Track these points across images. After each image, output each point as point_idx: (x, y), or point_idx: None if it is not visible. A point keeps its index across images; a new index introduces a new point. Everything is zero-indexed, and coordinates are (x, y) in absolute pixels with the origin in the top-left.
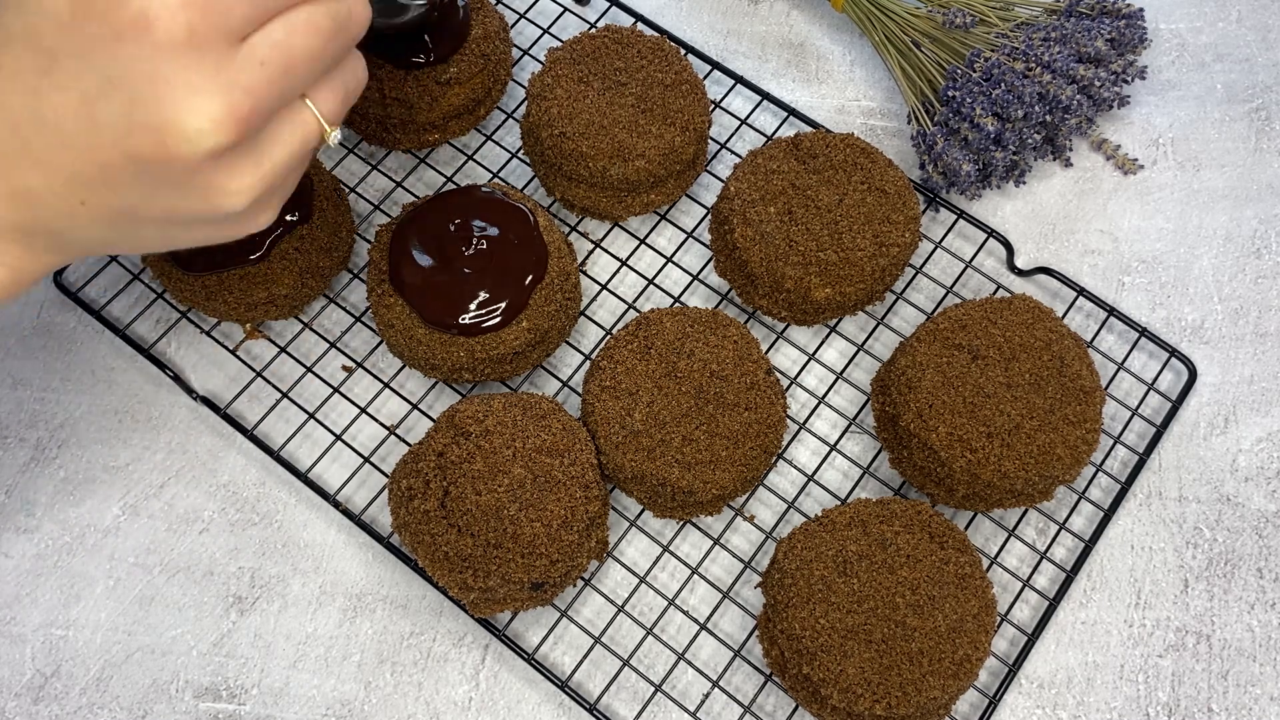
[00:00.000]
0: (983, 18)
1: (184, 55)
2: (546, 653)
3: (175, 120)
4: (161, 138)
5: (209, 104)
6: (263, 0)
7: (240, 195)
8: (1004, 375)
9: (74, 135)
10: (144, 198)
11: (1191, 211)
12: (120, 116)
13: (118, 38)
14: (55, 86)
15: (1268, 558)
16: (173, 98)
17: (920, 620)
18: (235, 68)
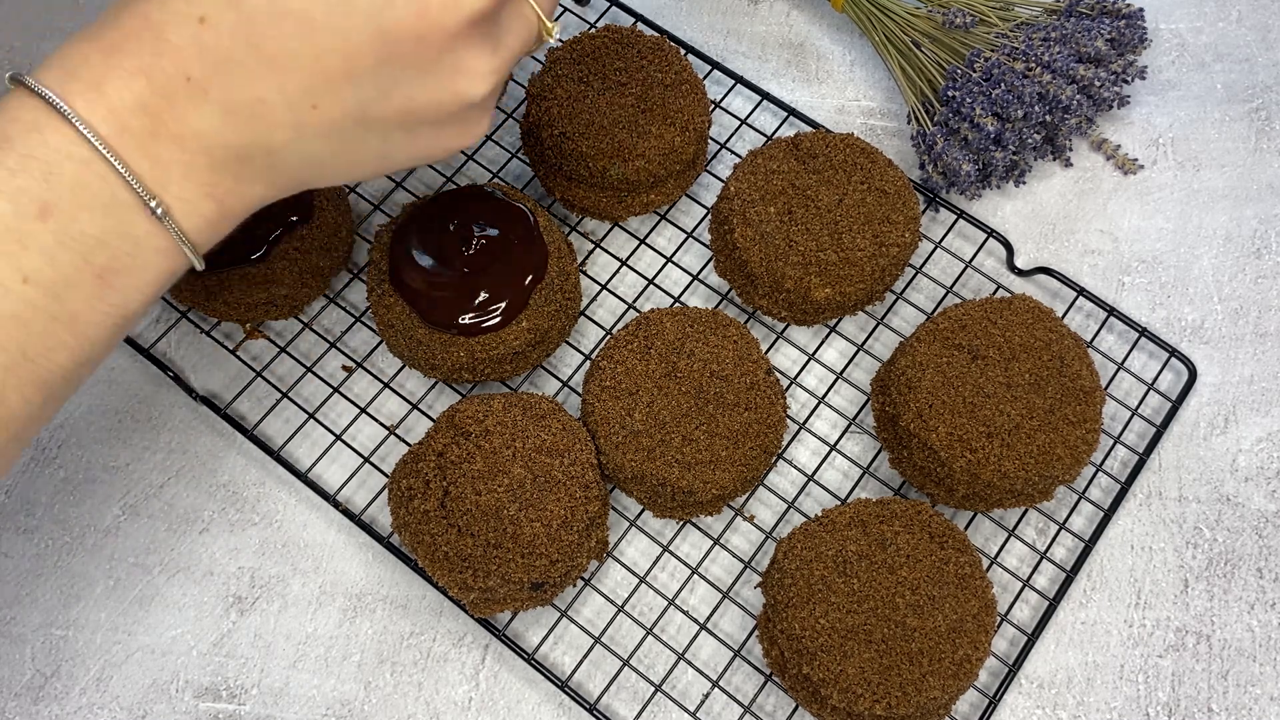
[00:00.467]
0: (983, 18)
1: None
2: (546, 653)
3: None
4: (424, 5)
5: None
6: None
7: (482, 79)
8: (1004, 375)
9: (322, 23)
10: (383, 89)
11: (1191, 211)
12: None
13: None
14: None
15: (1268, 558)
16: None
17: (920, 620)
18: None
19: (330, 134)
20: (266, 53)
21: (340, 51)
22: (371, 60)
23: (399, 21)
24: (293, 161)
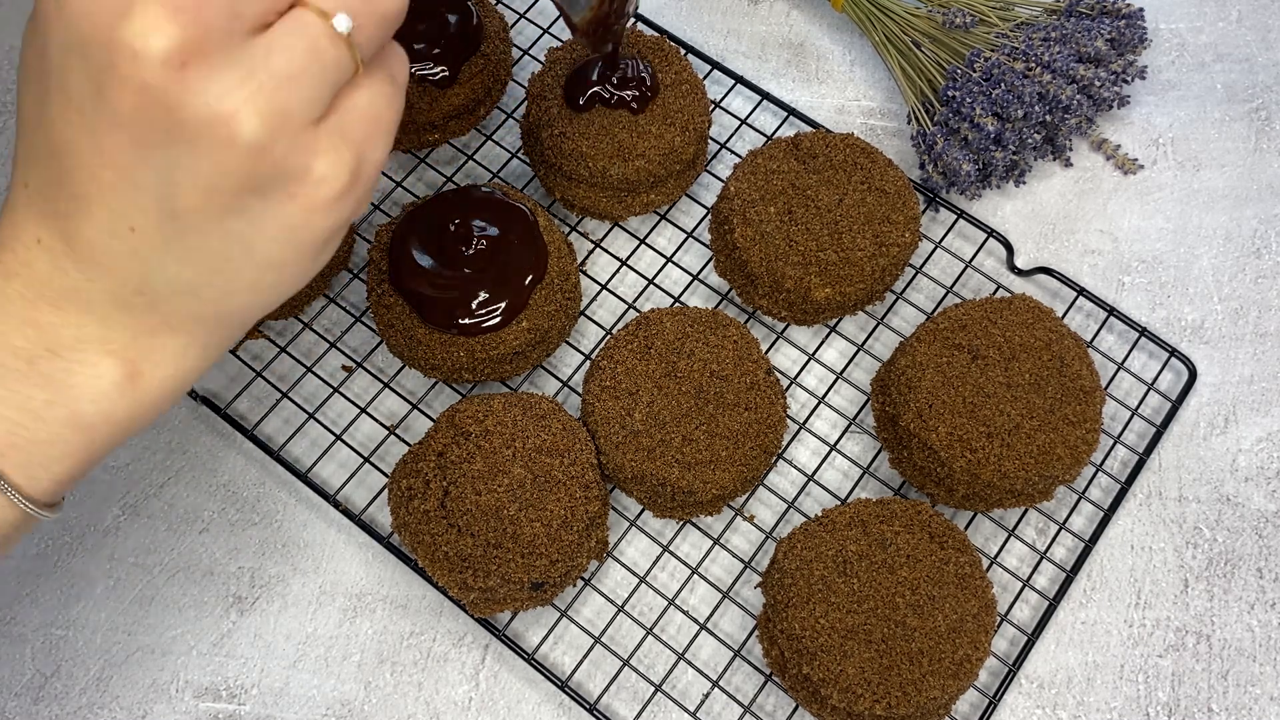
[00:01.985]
0: (983, 18)
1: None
2: (546, 653)
3: (118, 40)
4: (116, 71)
5: (143, 6)
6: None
7: (243, 115)
8: (1004, 375)
9: (75, 140)
10: (164, 178)
11: (1191, 211)
12: (84, 78)
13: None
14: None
15: (1268, 558)
16: (110, 20)
17: (920, 620)
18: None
19: (167, 245)
20: (65, 189)
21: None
22: (128, 153)
23: (113, 102)
24: (164, 294)
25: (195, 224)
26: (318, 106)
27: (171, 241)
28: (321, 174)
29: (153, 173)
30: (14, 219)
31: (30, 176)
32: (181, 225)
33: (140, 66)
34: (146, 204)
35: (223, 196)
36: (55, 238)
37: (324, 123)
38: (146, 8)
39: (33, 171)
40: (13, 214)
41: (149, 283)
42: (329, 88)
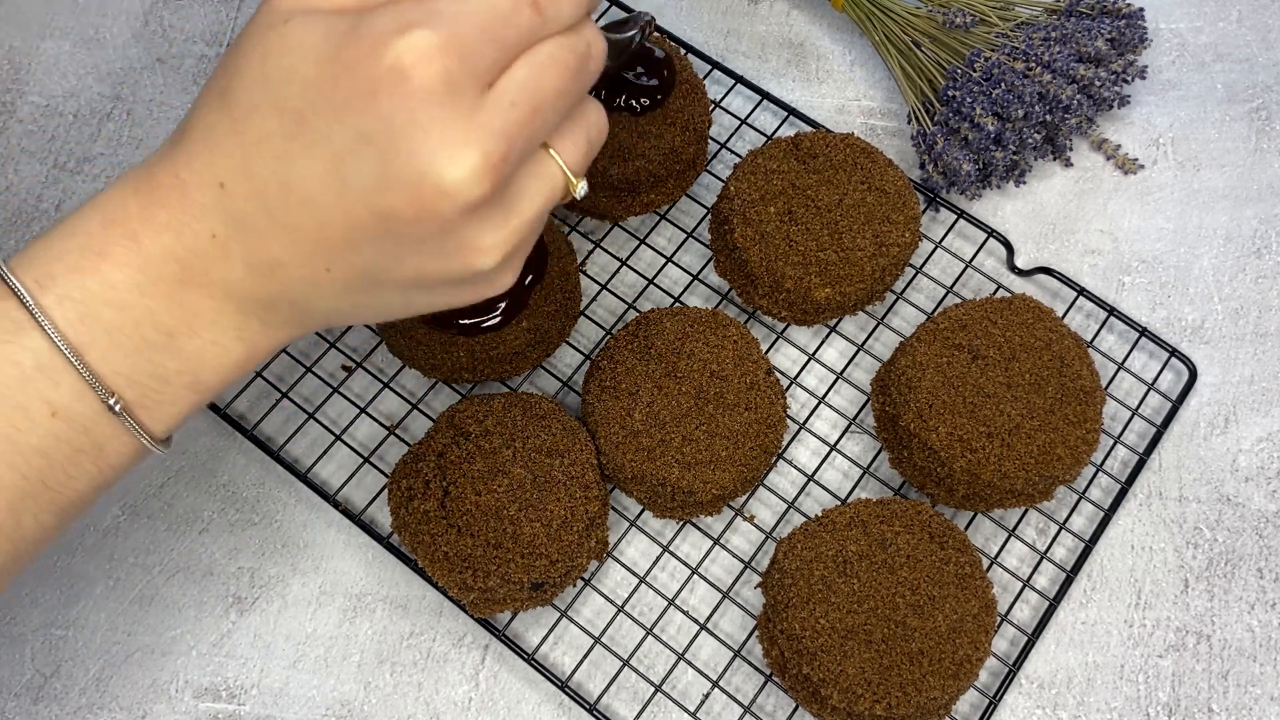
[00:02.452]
0: (983, 17)
1: (439, 104)
2: (546, 653)
3: (432, 172)
4: (418, 192)
5: (466, 153)
6: (508, 39)
7: (491, 252)
8: (1004, 375)
9: (322, 198)
10: (391, 260)
11: (1192, 211)
12: (373, 173)
13: (371, 92)
14: (302, 149)
15: (1268, 558)
16: (429, 149)
17: (920, 620)
18: (488, 113)
19: (347, 292)
20: (278, 220)
21: (341, 224)
22: (372, 235)
23: (393, 206)
24: (317, 311)
25: (388, 289)
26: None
27: (356, 294)
28: (504, 282)
29: (383, 252)
30: (192, 207)
31: (235, 184)
32: (377, 288)
33: (443, 204)
34: (357, 264)
35: (427, 283)
36: (237, 245)
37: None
38: (470, 160)
39: (241, 182)
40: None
41: (307, 307)
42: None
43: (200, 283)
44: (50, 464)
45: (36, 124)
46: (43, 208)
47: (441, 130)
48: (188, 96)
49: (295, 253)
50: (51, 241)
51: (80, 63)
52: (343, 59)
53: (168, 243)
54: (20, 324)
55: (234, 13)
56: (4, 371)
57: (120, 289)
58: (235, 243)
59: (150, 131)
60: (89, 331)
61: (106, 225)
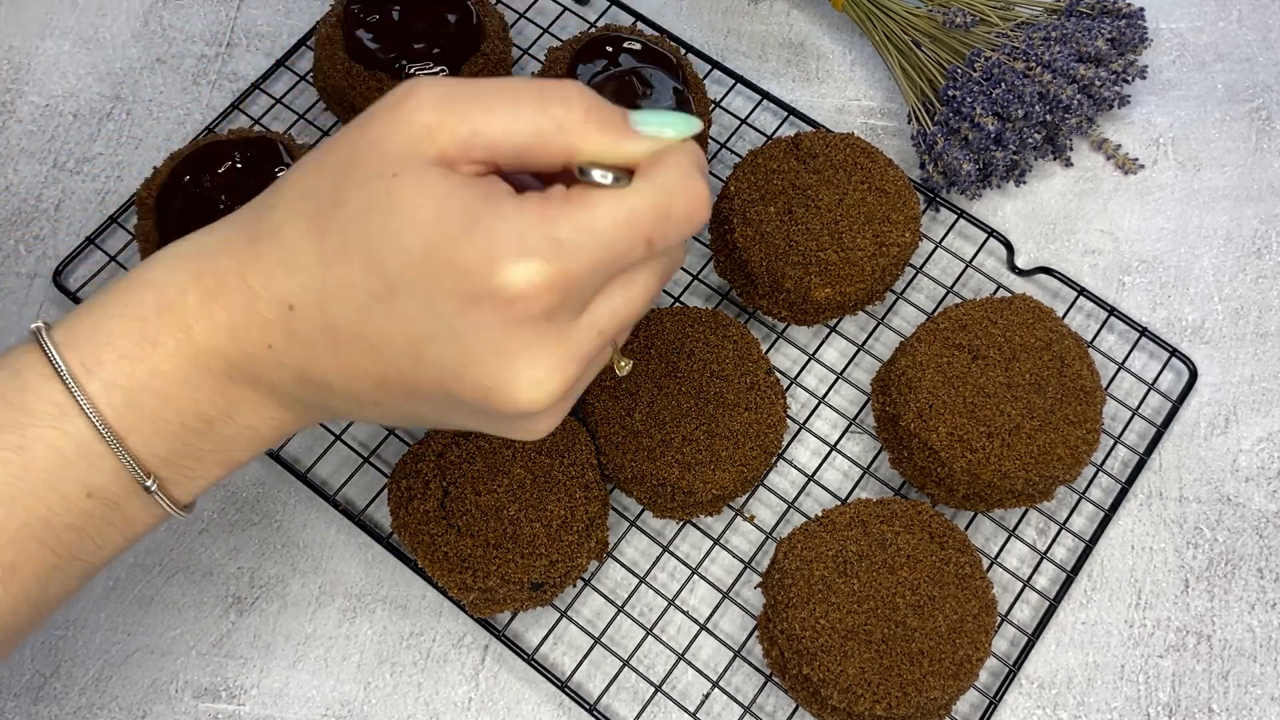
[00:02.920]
0: (983, 17)
1: (534, 332)
2: (546, 653)
3: (509, 386)
4: (489, 397)
5: (546, 378)
6: (614, 270)
7: (542, 432)
8: (1004, 375)
9: (393, 360)
10: (444, 417)
11: (1192, 211)
12: (451, 364)
13: (473, 300)
14: (386, 315)
15: (1268, 558)
16: (513, 367)
17: (920, 620)
18: (575, 340)
19: (388, 419)
20: (341, 356)
21: (404, 384)
22: (434, 400)
23: (462, 394)
24: (349, 417)
25: (428, 423)
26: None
27: (396, 421)
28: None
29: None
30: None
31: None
32: (417, 422)
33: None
34: (406, 412)
35: (471, 426)
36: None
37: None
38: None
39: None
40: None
41: (349, 416)
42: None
43: (247, 381)
44: (81, 538)
45: (36, 124)
46: (42, 207)
47: (528, 356)
48: (187, 96)
49: (350, 387)
50: (101, 321)
51: (80, 62)
52: (451, 255)
53: (222, 342)
54: (63, 408)
55: (233, 12)
56: (44, 457)
57: (168, 380)
58: (291, 359)
59: (150, 131)
60: (132, 418)
61: (161, 311)
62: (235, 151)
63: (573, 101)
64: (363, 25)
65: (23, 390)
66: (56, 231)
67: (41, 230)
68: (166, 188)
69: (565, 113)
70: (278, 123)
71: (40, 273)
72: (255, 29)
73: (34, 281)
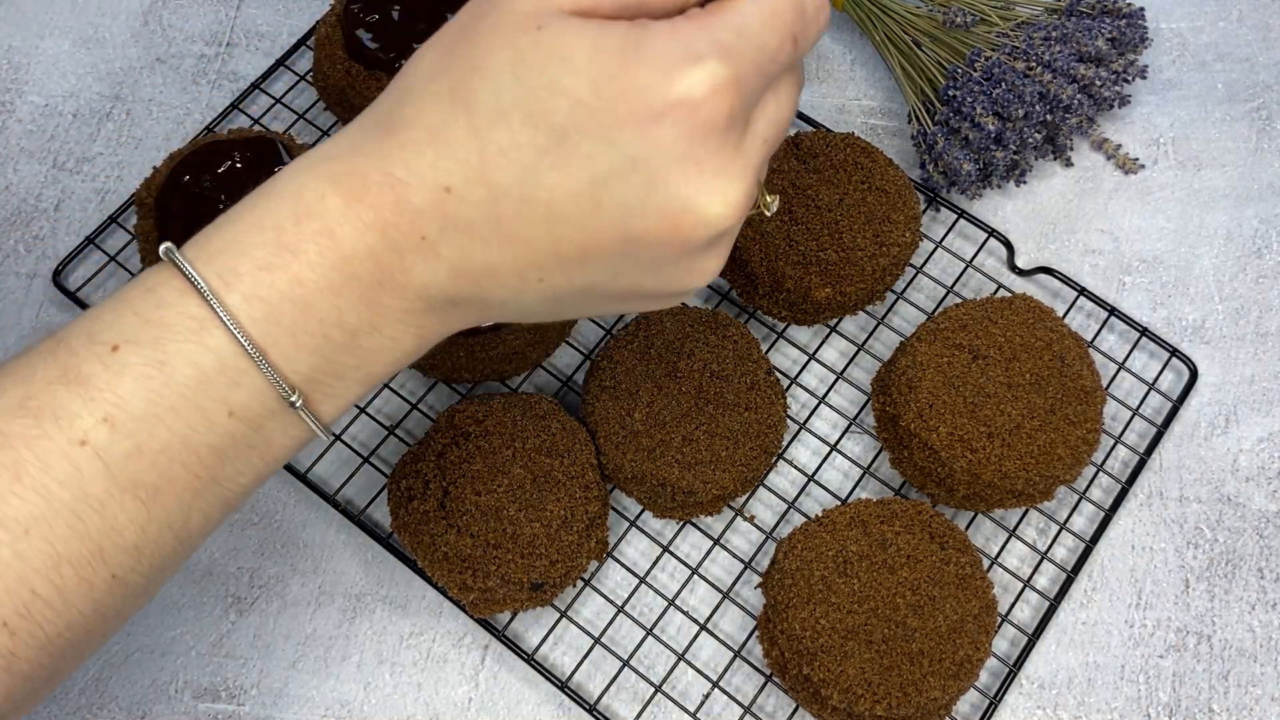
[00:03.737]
0: (983, 17)
1: (718, 139)
2: (546, 653)
3: (698, 203)
4: (677, 221)
5: (733, 188)
6: (771, 75)
7: (710, 274)
8: (1005, 375)
9: (570, 216)
10: (614, 274)
11: (1192, 211)
12: (635, 199)
13: (655, 118)
14: (557, 165)
15: (1269, 558)
16: (700, 182)
17: (921, 621)
18: (749, 147)
19: (549, 300)
20: (506, 229)
21: (579, 243)
22: (609, 254)
23: (646, 230)
24: (503, 310)
25: (591, 301)
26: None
27: (558, 303)
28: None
29: (608, 274)
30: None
31: (468, 193)
32: (581, 301)
33: (698, 233)
34: (576, 281)
35: (634, 297)
36: (459, 255)
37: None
38: (730, 194)
39: (472, 192)
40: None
41: (503, 307)
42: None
43: (396, 284)
44: (222, 461)
45: (36, 123)
46: (42, 207)
47: (714, 165)
48: (187, 96)
49: (515, 262)
50: (235, 234)
51: (80, 62)
52: (622, 84)
53: (370, 243)
54: (202, 322)
55: (233, 12)
56: (182, 372)
57: (310, 288)
58: (448, 248)
59: (149, 131)
60: (274, 331)
61: (300, 219)
62: (235, 151)
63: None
64: (362, 25)
65: (159, 306)
66: (56, 231)
67: (41, 230)
68: (166, 187)
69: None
70: (277, 122)
71: (40, 272)
72: (255, 29)
73: (34, 281)
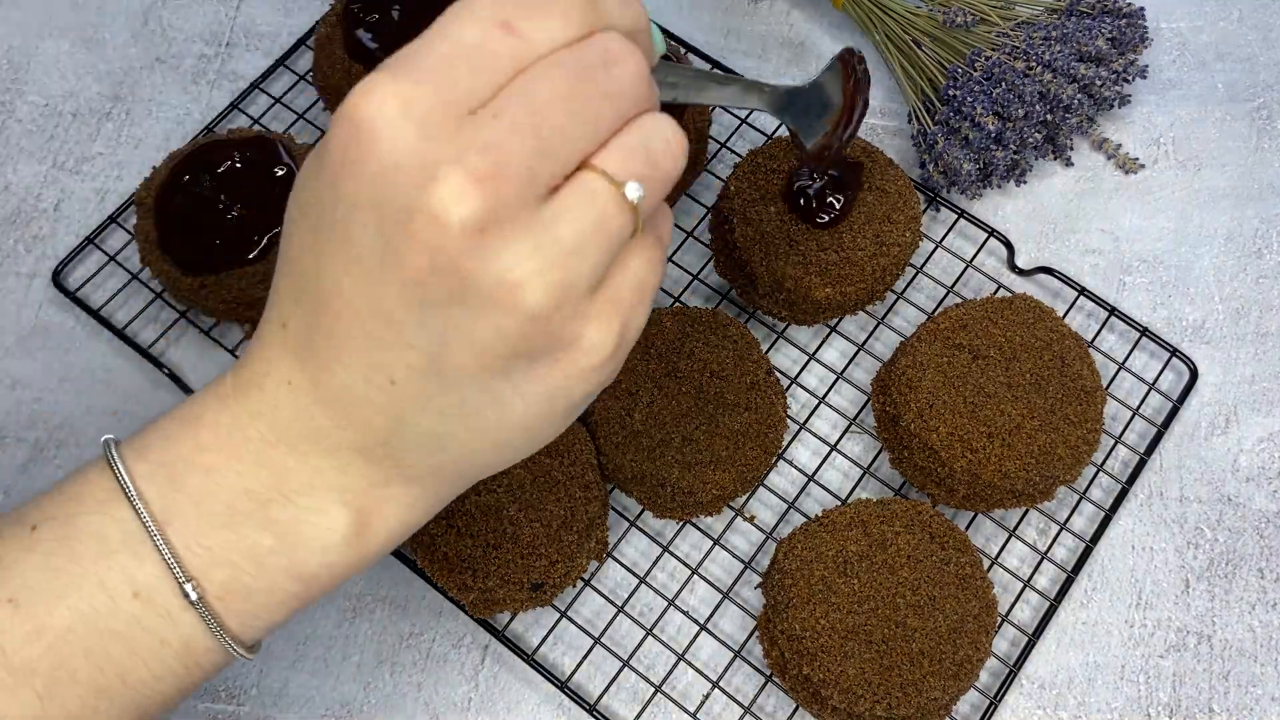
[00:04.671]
0: (983, 17)
1: (416, 139)
2: (546, 653)
3: (420, 203)
4: (414, 231)
5: (447, 171)
6: (486, 67)
7: (530, 284)
8: (1005, 375)
9: (347, 288)
10: (439, 338)
11: (1192, 211)
12: (375, 239)
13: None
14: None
15: (1269, 558)
16: (413, 184)
17: (921, 621)
18: (470, 130)
19: (424, 403)
20: (323, 332)
21: (371, 311)
22: (405, 312)
23: (404, 259)
24: (411, 447)
25: (458, 383)
26: (598, 275)
27: (431, 399)
28: (591, 343)
29: (426, 331)
30: (266, 356)
31: (290, 318)
32: (444, 383)
33: (439, 232)
34: (413, 360)
35: (493, 360)
36: (307, 382)
37: (600, 291)
38: (450, 176)
39: (293, 313)
40: (264, 351)
41: (397, 436)
42: (610, 256)
43: (287, 439)
44: (131, 654)
45: (35, 123)
46: (41, 207)
47: (419, 163)
48: (187, 96)
49: (351, 366)
50: (160, 420)
51: (79, 62)
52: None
53: (252, 400)
54: (112, 494)
55: (233, 12)
56: (86, 545)
57: (209, 451)
58: (302, 379)
59: (149, 131)
60: (177, 503)
61: (205, 395)
62: (235, 151)
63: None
64: (362, 25)
65: (80, 481)
66: (56, 231)
67: (41, 230)
68: (166, 187)
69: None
70: (277, 122)
71: (39, 272)
72: (255, 28)
73: (33, 281)
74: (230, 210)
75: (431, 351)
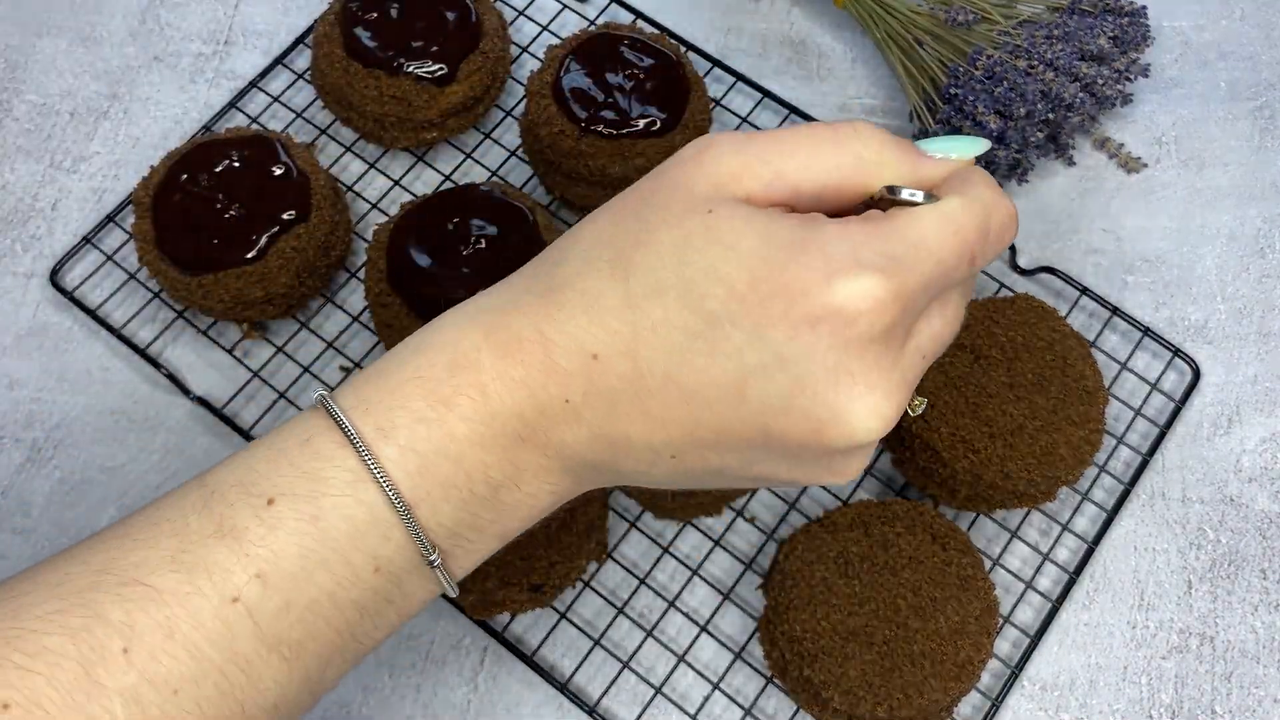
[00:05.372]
0: (985, 15)
1: (872, 353)
2: (545, 655)
3: (844, 414)
4: (821, 427)
5: (883, 403)
6: (940, 289)
7: (851, 475)
8: (1006, 375)
9: (709, 401)
10: (746, 464)
11: (1195, 210)
12: (780, 397)
13: (809, 323)
14: (705, 351)
15: (1271, 559)
16: (851, 394)
17: (922, 622)
18: (906, 364)
19: (679, 474)
20: (645, 405)
21: (717, 429)
22: (746, 444)
23: (787, 430)
24: (633, 479)
25: (722, 480)
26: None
27: (687, 479)
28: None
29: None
30: (557, 367)
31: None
32: (711, 479)
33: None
34: (710, 463)
35: (766, 482)
36: (598, 422)
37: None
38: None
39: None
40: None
41: (633, 478)
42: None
43: (538, 442)
44: (363, 617)
45: (33, 122)
46: (38, 206)
47: (867, 378)
48: (185, 95)
49: (651, 439)
50: (392, 385)
51: (77, 61)
52: (782, 279)
53: (518, 400)
54: (358, 475)
55: (231, 10)
56: (336, 527)
57: (460, 442)
58: (590, 412)
59: (147, 130)
60: (425, 484)
61: (454, 371)
62: (233, 150)
63: (867, 136)
64: (361, 23)
65: (315, 458)
66: (53, 231)
67: (38, 230)
68: (163, 187)
69: (863, 147)
70: (275, 121)
71: (37, 272)
72: (253, 27)
73: (30, 281)
74: (228, 209)
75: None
